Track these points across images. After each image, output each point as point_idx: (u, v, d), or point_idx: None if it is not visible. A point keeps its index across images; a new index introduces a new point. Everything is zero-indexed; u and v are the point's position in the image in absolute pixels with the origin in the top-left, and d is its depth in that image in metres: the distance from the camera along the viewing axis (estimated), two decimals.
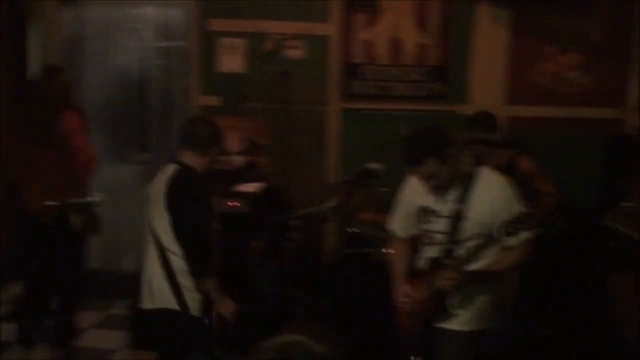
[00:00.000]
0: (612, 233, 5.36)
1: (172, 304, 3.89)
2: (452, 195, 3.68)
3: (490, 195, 3.62)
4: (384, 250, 5.32)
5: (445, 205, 3.70)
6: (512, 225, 3.43)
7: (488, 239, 3.57)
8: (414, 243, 3.95)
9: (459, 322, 3.72)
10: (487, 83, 6.28)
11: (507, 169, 5.19)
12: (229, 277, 5.47)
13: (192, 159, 4.01)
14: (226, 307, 3.95)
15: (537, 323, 5.16)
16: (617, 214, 5.43)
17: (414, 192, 3.82)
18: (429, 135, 3.61)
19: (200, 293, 3.91)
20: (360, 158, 5.98)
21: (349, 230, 5.70)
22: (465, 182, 3.66)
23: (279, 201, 6.14)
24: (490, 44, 6.28)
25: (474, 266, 3.63)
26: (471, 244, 3.63)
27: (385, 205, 5.44)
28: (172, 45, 6.95)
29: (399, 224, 4.01)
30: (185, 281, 3.90)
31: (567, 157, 6.16)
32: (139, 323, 5.16)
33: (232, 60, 6.52)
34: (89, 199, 4.20)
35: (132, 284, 6.46)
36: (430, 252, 3.79)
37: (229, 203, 5.41)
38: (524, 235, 3.53)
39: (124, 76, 7.10)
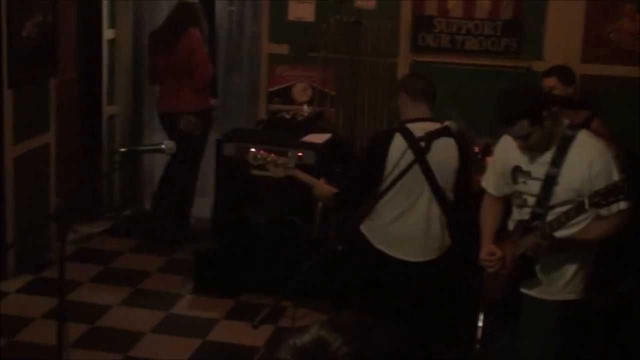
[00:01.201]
0: None
1: (447, 243, 4.22)
2: (547, 158, 3.55)
3: (587, 161, 3.46)
4: None
5: (539, 167, 3.57)
6: (601, 196, 3.27)
7: (580, 207, 3.41)
8: (507, 203, 3.84)
9: (546, 290, 3.62)
10: (562, 40, 6.10)
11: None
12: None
13: (429, 113, 4.30)
14: None
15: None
16: None
17: (508, 150, 3.68)
18: (524, 95, 3.50)
19: None
20: None
21: None
22: (562, 144, 3.52)
23: (345, 153, 6.12)
24: None
25: (562, 233, 3.50)
26: (562, 209, 3.49)
27: None
28: None
29: (491, 181, 3.87)
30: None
31: None
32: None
33: (302, 8, 6.45)
34: (161, 146, 4.18)
35: (200, 230, 6.56)
36: (521, 214, 3.67)
37: (298, 154, 5.39)
38: (617, 206, 3.38)
39: None
